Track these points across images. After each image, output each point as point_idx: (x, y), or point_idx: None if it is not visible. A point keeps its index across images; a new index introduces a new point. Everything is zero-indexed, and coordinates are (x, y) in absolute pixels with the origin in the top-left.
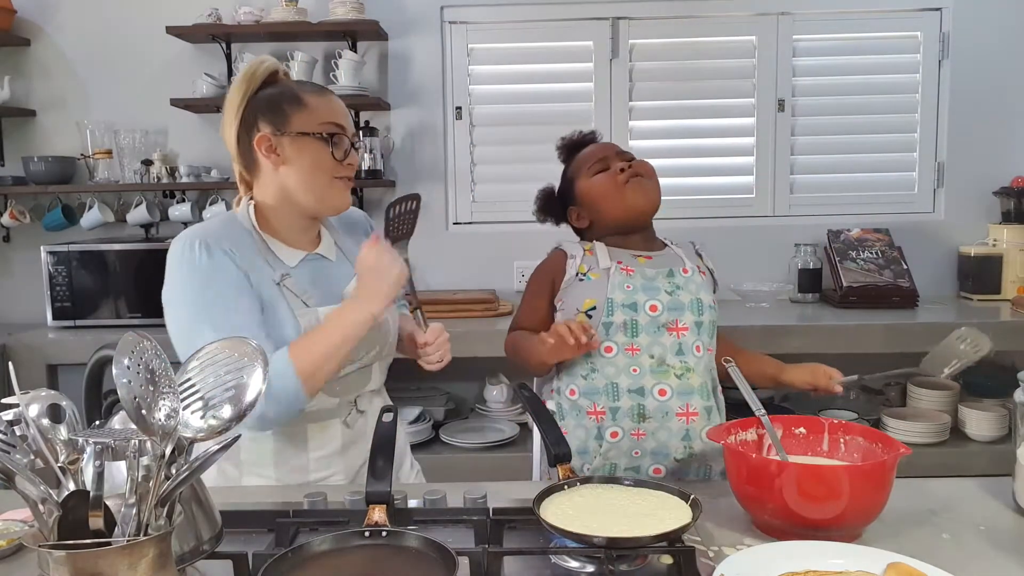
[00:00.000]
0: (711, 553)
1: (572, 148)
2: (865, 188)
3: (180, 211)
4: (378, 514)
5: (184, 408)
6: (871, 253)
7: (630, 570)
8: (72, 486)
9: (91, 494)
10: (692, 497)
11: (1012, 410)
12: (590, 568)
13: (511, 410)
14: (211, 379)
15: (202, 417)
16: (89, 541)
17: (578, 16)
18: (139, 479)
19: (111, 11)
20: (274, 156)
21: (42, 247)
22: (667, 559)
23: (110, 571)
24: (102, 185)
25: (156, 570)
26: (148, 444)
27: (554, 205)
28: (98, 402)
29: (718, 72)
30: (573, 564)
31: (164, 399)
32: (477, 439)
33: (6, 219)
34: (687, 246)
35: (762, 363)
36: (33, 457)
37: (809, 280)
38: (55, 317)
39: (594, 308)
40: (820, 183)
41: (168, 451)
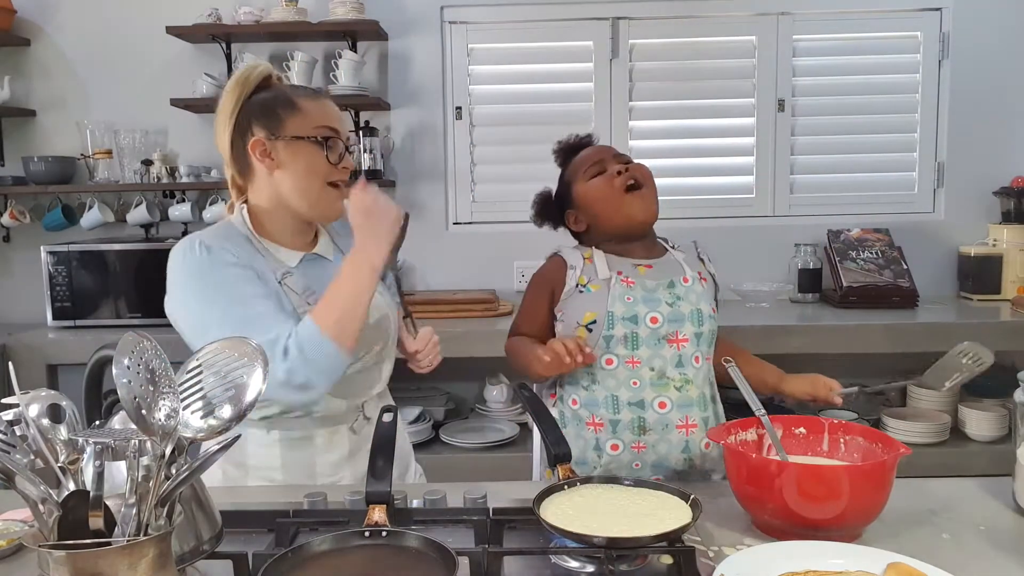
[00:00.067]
0: (711, 553)
1: (568, 151)
2: (865, 188)
3: (180, 211)
4: (378, 514)
5: (184, 408)
6: (871, 253)
7: (630, 570)
8: (72, 486)
9: (91, 494)
10: (692, 497)
11: (1012, 410)
12: (590, 568)
13: (511, 410)
14: (211, 379)
15: (202, 417)
16: (89, 541)
17: (578, 16)
18: (139, 479)
19: (111, 11)
20: (268, 160)
21: (42, 247)
22: (667, 559)
23: (110, 571)
24: (102, 185)
25: (156, 570)
26: (148, 444)
27: (551, 209)
28: (98, 402)
29: (718, 72)
30: (573, 564)
31: (164, 399)
32: (477, 439)
33: (6, 219)
34: (689, 249)
35: (763, 370)
36: (33, 457)
37: (809, 280)
38: (55, 317)
39: (594, 322)
40: (820, 183)
41: (168, 451)
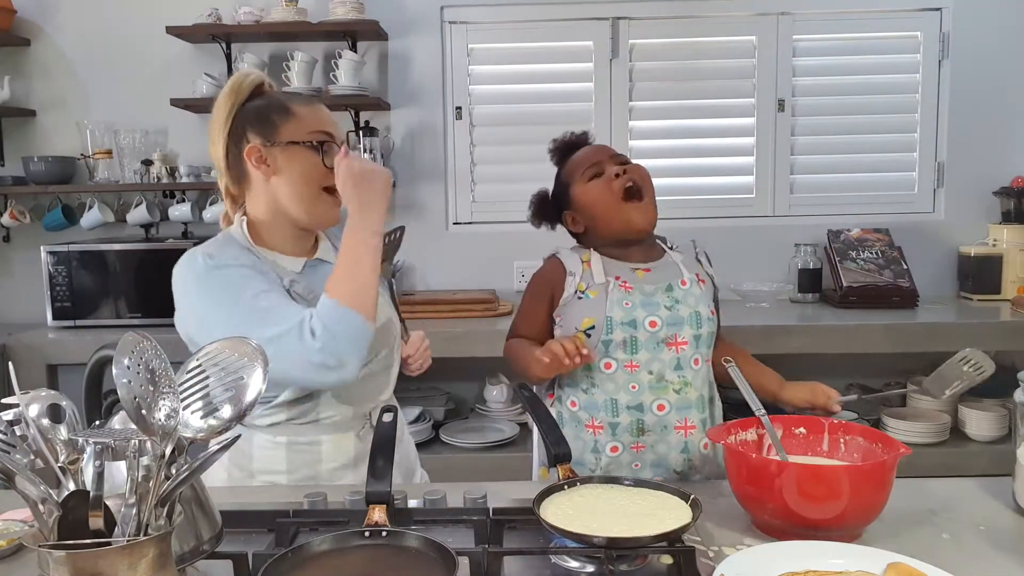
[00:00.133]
0: (711, 553)
1: (565, 150)
2: (865, 188)
3: (180, 211)
4: (378, 514)
5: (184, 408)
6: (871, 253)
7: (630, 570)
8: (72, 486)
9: (91, 494)
10: (692, 497)
11: (1012, 410)
12: (590, 568)
13: (511, 410)
14: (211, 379)
15: (202, 417)
16: (89, 541)
17: (578, 16)
18: (139, 479)
19: (111, 11)
20: (264, 167)
21: (42, 247)
22: (667, 559)
23: (110, 571)
24: (102, 185)
25: (156, 570)
26: (148, 444)
27: (548, 209)
28: (98, 402)
29: (718, 72)
30: (573, 564)
31: (164, 399)
32: (477, 439)
33: (6, 219)
34: (688, 249)
35: (762, 375)
36: (33, 457)
37: (809, 280)
38: (55, 317)
39: (593, 327)
40: (820, 183)
41: (168, 451)
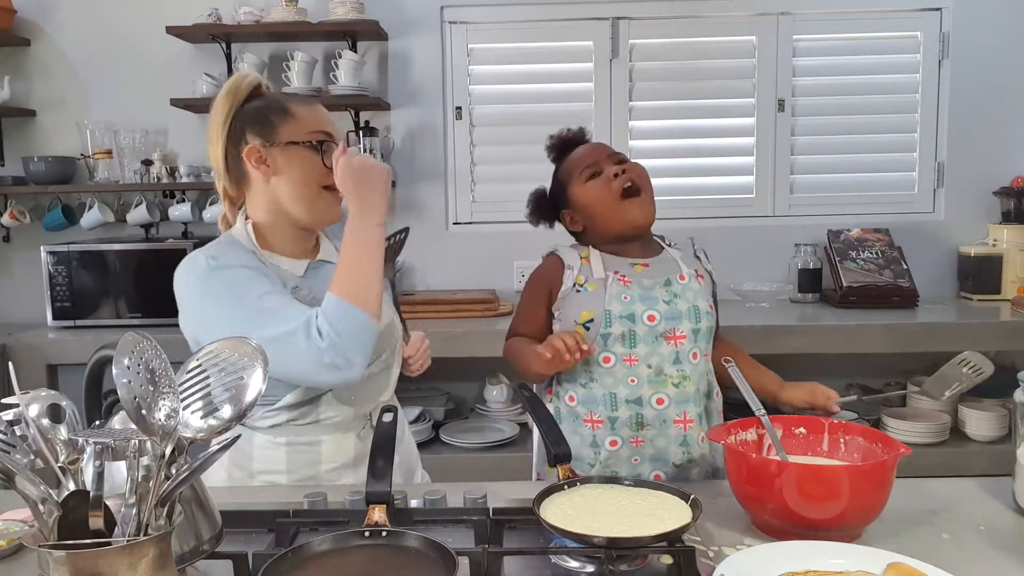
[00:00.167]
0: (711, 553)
1: (562, 147)
2: (865, 188)
3: (180, 211)
4: (378, 514)
5: (184, 408)
6: (871, 253)
7: (630, 570)
8: (72, 486)
9: (91, 494)
10: (692, 497)
11: (1012, 410)
12: (590, 568)
13: (511, 410)
14: (211, 379)
15: (202, 417)
16: (89, 541)
17: (578, 16)
18: (139, 479)
19: (111, 11)
20: (264, 167)
21: (42, 247)
22: (667, 559)
23: (110, 571)
24: (102, 185)
25: (156, 570)
26: (148, 444)
27: (546, 208)
28: (98, 402)
29: (718, 72)
30: (573, 564)
31: (164, 399)
32: (477, 439)
33: (6, 219)
34: (686, 246)
35: (762, 377)
36: (33, 457)
37: (809, 280)
38: (55, 317)
39: (592, 320)
40: (820, 183)
41: (168, 451)
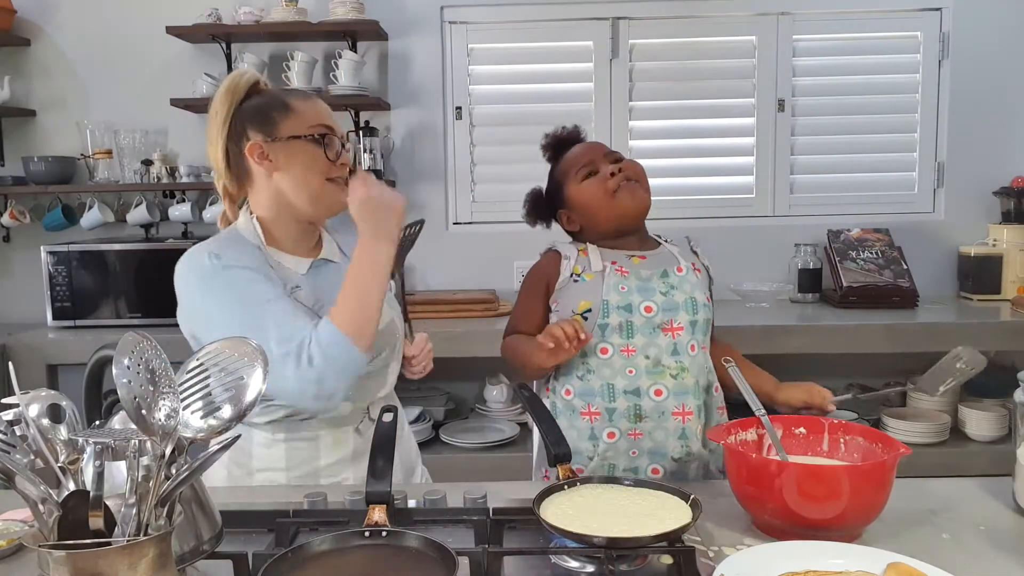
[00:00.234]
0: (711, 553)
1: (558, 146)
2: (865, 188)
3: (180, 211)
4: (378, 514)
5: (184, 408)
6: (871, 253)
7: (630, 570)
8: (72, 486)
9: (91, 494)
10: (692, 497)
11: (1012, 410)
12: (590, 568)
13: (511, 410)
14: (211, 379)
15: (202, 417)
16: (89, 541)
17: (578, 16)
18: (139, 479)
19: (111, 11)
20: (267, 163)
21: (42, 247)
22: (667, 559)
23: (110, 571)
24: (102, 185)
25: (156, 570)
26: (148, 444)
27: (543, 208)
28: (98, 402)
29: (718, 72)
30: (573, 564)
31: (164, 399)
32: (477, 439)
33: (6, 219)
34: (682, 243)
35: (758, 378)
36: (33, 457)
37: (809, 280)
38: (55, 317)
39: (589, 310)
40: (820, 183)
41: (168, 451)
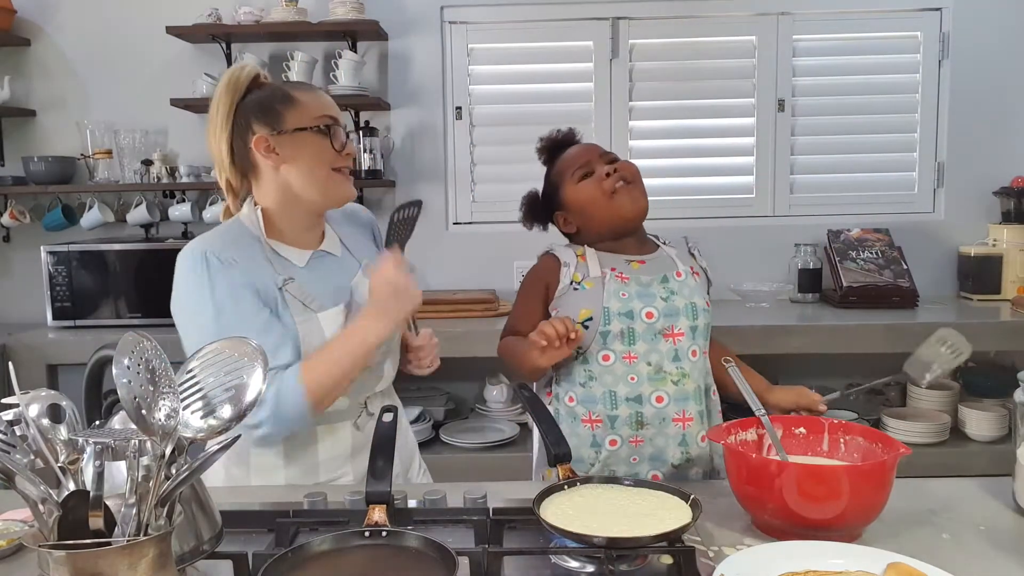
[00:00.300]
0: (711, 553)
1: (553, 149)
2: (865, 188)
3: (180, 211)
4: (378, 514)
5: (184, 408)
6: (871, 253)
7: (630, 570)
8: (72, 486)
9: (91, 494)
10: (692, 497)
11: (1012, 410)
12: (590, 568)
13: (511, 410)
14: (211, 379)
15: (202, 417)
16: (89, 541)
17: (578, 16)
18: (139, 479)
19: (111, 11)
20: (274, 156)
21: (42, 247)
22: (667, 559)
23: (110, 571)
24: (102, 185)
25: (156, 570)
26: (148, 444)
27: (539, 210)
28: (98, 402)
29: (718, 72)
30: (573, 564)
31: (164, 399)
32: (477, 439)
33: (6, 219)
34: (680, 244)
35: (751, 379)
36: (33, 457)
37: (809, 280)
38: (55, 317)
39: (591, 319)
40: (820, 183)
41: (168, 451)
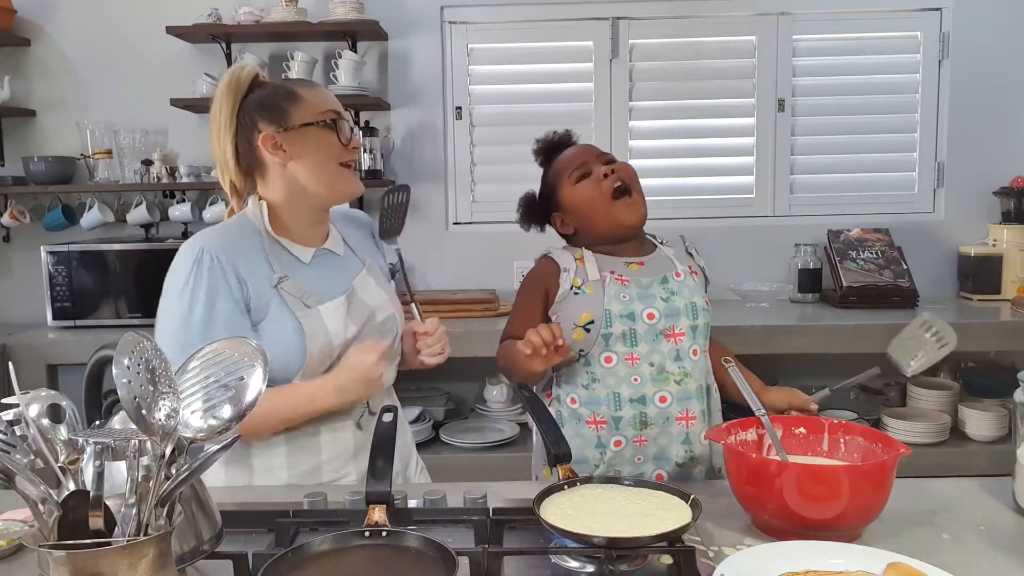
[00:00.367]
0: (711, 553)
1: (549, 150)
2: (865, 188)
3: (180, 211)
4: (378, 514)
5: (184, 408)
6: (871, 253)
7: (630, 570)
8: (72, 486)
9: (91, 494)
10: (692, 497)
11: (1012, 410)
12: (590, 568)
13: (511, 410)
14: (211, 379)
15: (202, 417)
16: (89, 541)
17: (578, 16)
18: (139, 479)
19: (111, 11)
20: (281, 153)
21: (42, 247)
22: (667, 559)
23: (110, 571)
24: (102, 185)
25: (156, 570)
26: (148, 444)
27: (536, 212)
28: (98, 402)
29: (718, 72)
30: (573, 564)
31: (164, 399)
32: (477, 439)
33: (6, 219)
34: (677, 244)
35: (747, 379)
36: (33, 457)
37: (809, 280)
38: (55, 317)
39: (592, 322)
40: (820, 183)
41: (168, 451)
